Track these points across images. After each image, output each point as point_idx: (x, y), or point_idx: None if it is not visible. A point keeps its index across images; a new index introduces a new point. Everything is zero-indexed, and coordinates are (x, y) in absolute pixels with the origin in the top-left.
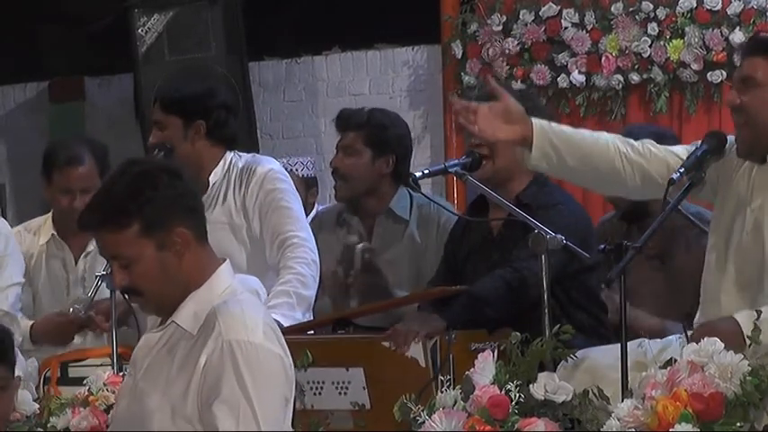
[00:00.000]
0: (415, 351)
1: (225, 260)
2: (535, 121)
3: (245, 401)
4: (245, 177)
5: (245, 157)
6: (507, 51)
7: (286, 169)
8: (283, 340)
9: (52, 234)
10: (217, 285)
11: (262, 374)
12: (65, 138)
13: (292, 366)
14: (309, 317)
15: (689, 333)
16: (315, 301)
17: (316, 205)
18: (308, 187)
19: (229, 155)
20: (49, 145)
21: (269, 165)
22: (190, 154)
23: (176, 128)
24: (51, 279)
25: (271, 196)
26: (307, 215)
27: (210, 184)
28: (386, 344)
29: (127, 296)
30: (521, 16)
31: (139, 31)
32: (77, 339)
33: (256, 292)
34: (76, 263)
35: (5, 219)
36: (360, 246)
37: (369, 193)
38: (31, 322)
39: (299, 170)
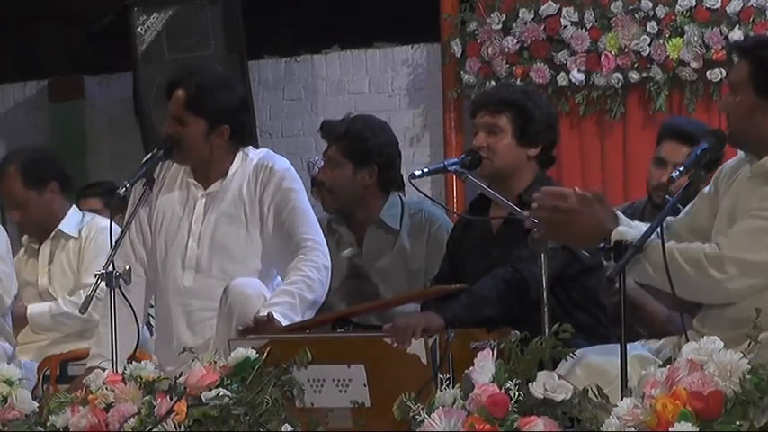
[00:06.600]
0: (417, 347)
1: None
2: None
3: None
4: (261, 174)
5: (258, 152)
6: (507, 50)
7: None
8: None
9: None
10: None
11: None
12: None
13: None
14: None
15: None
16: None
17: None
18: None
19: (245, 149)
20: None
21: (285, 164)
22: (203, 153)
23: (198, 128)
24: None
25: (288, 197)
26: None
27: (225, 179)
28: (387, 340)
29: None
30: (520, 15)
31: (139, 29)
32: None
33: (260, 293)
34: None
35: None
36: (347, 251)
37: (356, 205)
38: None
39: None
